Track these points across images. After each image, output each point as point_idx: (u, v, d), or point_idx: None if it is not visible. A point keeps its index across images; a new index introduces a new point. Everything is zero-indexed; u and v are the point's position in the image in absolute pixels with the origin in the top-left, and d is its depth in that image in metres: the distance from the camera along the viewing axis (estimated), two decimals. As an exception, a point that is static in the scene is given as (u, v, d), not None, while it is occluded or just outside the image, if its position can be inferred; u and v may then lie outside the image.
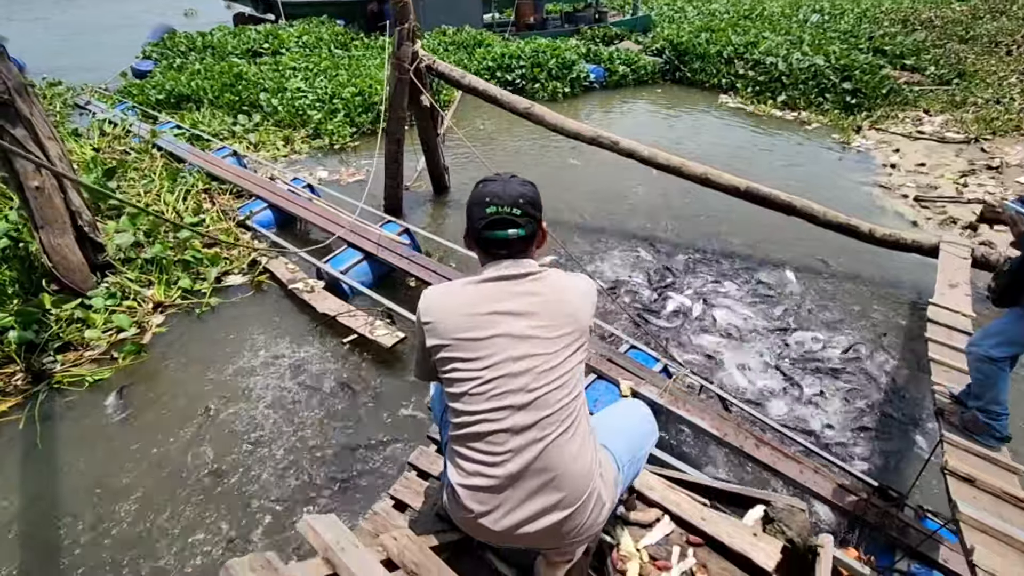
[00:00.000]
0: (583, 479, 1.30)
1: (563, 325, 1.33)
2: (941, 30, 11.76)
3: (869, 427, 3.09)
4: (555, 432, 1.27)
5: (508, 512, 1.29)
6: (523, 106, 4.82)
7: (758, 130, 7.92)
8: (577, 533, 1.33)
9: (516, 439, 1.26)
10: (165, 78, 8.45)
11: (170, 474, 2.76)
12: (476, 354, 1.29)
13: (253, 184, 5.25)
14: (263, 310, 3.96)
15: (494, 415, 1.27)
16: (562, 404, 1.29)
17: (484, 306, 1.32)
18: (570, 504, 1.29)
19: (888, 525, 2.23)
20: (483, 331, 1.30)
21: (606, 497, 1.37)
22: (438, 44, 10.26)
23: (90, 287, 3.82)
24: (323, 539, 1.02)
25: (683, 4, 15.80)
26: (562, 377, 1.30)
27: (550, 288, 1.36)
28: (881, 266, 4.59)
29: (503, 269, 1.36)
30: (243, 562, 0.87)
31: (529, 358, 1.28)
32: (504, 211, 1.34)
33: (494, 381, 1.27)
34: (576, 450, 1.30)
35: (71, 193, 3.71)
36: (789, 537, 1.41)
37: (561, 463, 1.27)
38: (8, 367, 3.34)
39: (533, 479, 1.27)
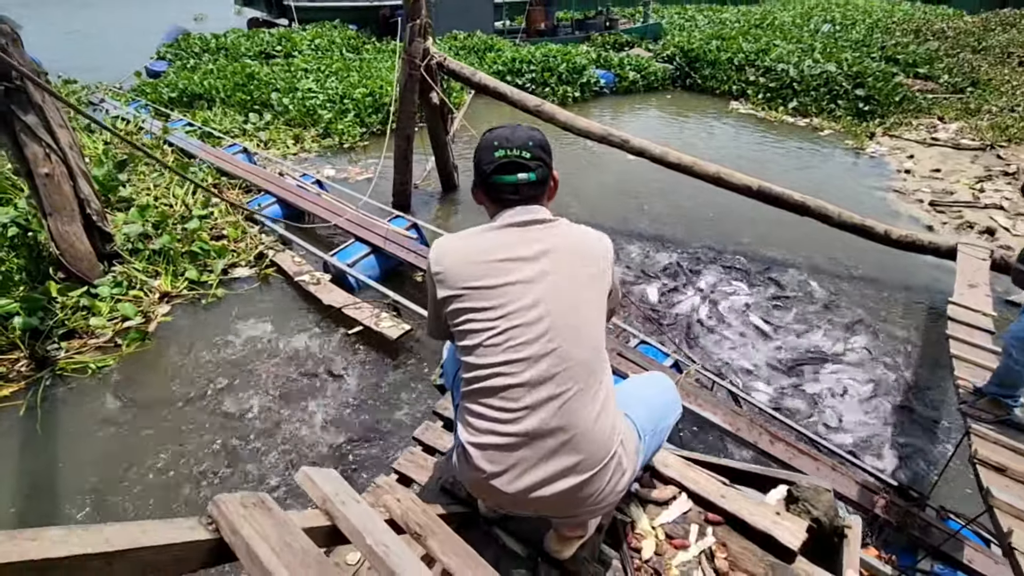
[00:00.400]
0: (603, 441, 1.22)
1: (580, 272, 1.25)
2: (954, 40, 11.70)
3: (887, 426, 3.00)
4: (574, 389, 1.19)
5: (522, 473, 1.20)
6: (533, 104, 4.80)
7: (769, 135, 7.86)
8: (595, 501, 1.25)
9: (533, 394, 1.18)
10: (178, 77, 8.52)
11: (171, 457, 2.72)
12: (489, 303, 1.22)
13: (262, 179, 5.25)
14: (269, 301, 3.93)
15: (509, 367, 1.19)
16: (582, 359, 1.21)
17: (497, 253, 1.25)
18: (589, 468, 1.21)
19: (909, 524, 2.14)
20: (496, 279, 1.23)
21: (627, 464, 1.29)
22: (450, 48, 10.31)
23: (97, 276, 3.80)
24: (322, 490, 0.97)
25: (694, 13, 15.85)
26: (582, 329, 1.22)
27: (563, 234, 1.29)
28: (894, 269, 4.51)
29: (515, 216, 1.29)
30: (234, 498, 0.81)
31: (546, 306, 1.20)
32: (513, 154, 1.28)
33: (509, 331, 1.19)
34: (597, 410, 1.21)
35: (80, 181, 3.70)
36: (815, 517, 1.34)
37: (581, 422, 1.19)
38: (12, 353, 3.32)
39: (550, 438, 1.19)
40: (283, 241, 4.58)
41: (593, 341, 1.23)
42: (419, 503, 1.20)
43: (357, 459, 2.74)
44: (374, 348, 3.49)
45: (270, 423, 2.93)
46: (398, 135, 5.04)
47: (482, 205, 1.38)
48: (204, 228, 4.49)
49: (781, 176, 6.15)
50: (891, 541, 2.19)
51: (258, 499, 0.83)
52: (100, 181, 4.41)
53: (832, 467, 2.38)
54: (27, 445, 2.82)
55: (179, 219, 4.51)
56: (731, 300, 4.07)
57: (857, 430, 2.98)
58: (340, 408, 3.04)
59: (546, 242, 1.26)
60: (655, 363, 2.98)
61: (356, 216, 4.51)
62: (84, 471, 2.67)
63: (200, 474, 2.65)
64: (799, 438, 2.65)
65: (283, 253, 4.39)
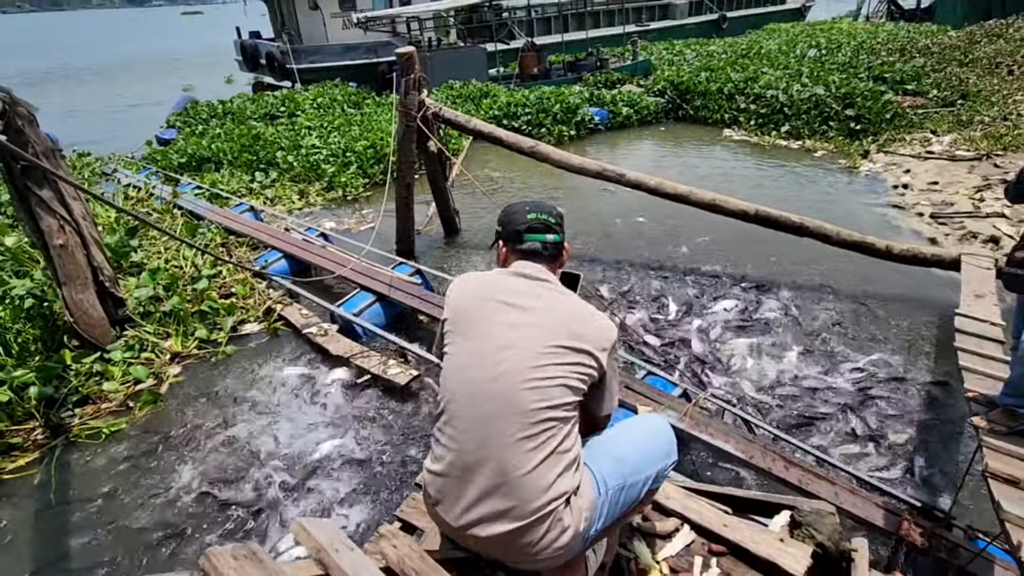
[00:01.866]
0: (536, 493, 1.22)
1: (560, 337, 1.29)
2: (939, 56, 11.90)
3: (904, 445, 2.93)
4: (517, 435, 1.22)
5: (463, 508, 1.26)
6: (527, 145, 4.93)
7: (764, 160, 7.97)
8: (534, 552, 1.25)
9: (477, 430, 1.23)
10: (187, 143, 8.85)
11: (184, 519, 2.71)
12: (467, 333, 1.32)
13: (268, 236, 5.38)
14: (278, 355, 3.97)
15: (462, 398, 1.26)
16: (534, 409, 1.23)
17: (497, 294, 1.35)
18: (520, 517, 1.22)
19: (935, 547, 2.07)
20: (481, 313, 1.32)
21: (570, 521, 1.27)
22: (446, 98, 10.64)
23: (110, 341, 3.88)
24: (316, 540, 0.97)
25: (681, 47, 16.29)
26: (542, 384, 1.25)
27: (561, 301, 1.38)
28: (899, 285, 4.48)
29: (526, 268, 1.41)
30: (224, 550, 0.82)
31: (512, 351, 1.26)
32: (543, 217, 1.45)
33: (473, 364, 1.27)
34: (535, 463, 1.22)
35: (93, 250, 3.82)
36: (819, 541, 1.30)
37: (512, 470, 1.21)
38: (28, 423, 3.36)
39: (485, 478, 1.23)
40: (291, 295, 4.66)
41: (549, 402, 1.25)
42: (416, 549, 1.20)
43: (365, 506, 2.71)
44: (384, 395, 3.49)
45: (282, 475, 2.92)
46: (399, 184, 5.17)
47: (504, 259, 1.49)
48: (213, 287, 4.59)
49: (778, 199, 6.21)
50: (919, 566, 2.12)
51: (249, 551, 0.84)
52: (112, 248, 4.55)
53: (851, 491, 2.32)
54: (42, 515, 2.83)
55: (189, 280, 4.62)
56: (734, 321, 4.05)
57: (873, 450, 2.91)
58: (350, 455, 3.03)
59: (540, 300, 1.35)
60: (664, 394, 2.96)
61: (360, 265, 4.59)
62: (98, 539, 2.66)
63: (217, 532, 2.64)
64: (815, 462, 2.59)
65: (291, 307, 4.46)
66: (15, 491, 2.97)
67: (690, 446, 2.81)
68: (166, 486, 2.93)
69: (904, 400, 3.26)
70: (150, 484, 2.95)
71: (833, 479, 2.38)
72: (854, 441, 2.98)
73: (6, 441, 3.21)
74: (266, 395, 3.57)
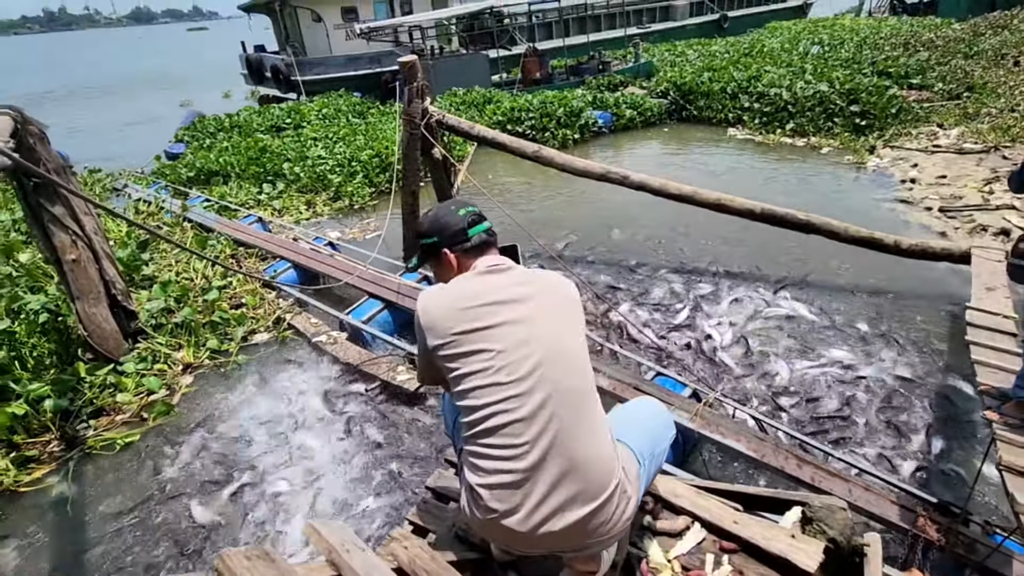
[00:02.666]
0: (604, 467, 1.25)
1: (560, 308, 1.35)
2: (944, 49, 11.83)
3: (918, 442, 2.90)
4: (568, 417, 1.24)
5: (533, 509, 1.23)
6: (531, 150, 4.95)
7: (769, 158, 7.94)
8: (604, 530, 1.27)
9: (532, 427, 1.22)
10: (195, 157, 8.96)
11: (199, 525, 2.73)
12: (480, 346, 1.28)
13: (277, 246, 5.43)
14: (288, 364, 4.00)
15: (506, 404, 1.23)
16: (573, 385, 1.27)
17: (482, 298, 1.32)
18: (593, 497, 1.23)
19: (952, 543, 2.05)
20: (484, 321, 1.30)
21: (631, 491, 1.31)
22: (450, 105, 10.70)
23: (123, 353, 3.93)
24: (328, 542, 0.98)
25: (683, 48, 16.31)
26: (569, 358, 1.29)
27: (537, 276, 1.42)
28: (910, 280, 4.44)
29: (488, 262, 1.42)
30: (238, 552, 0.84)
31: (536, 342, 1.27)
32: (472, 210, 1.49)
33: (502, 370, 1.25)
34: (591, 436, 1.26)
35: (105, 264, 3.88)
36: (831, 537, 1.29)
37: (579, 449, 1.23)
38: (44, 435, 3.41)
39: (554, 467, 1.22)
40: (299, 304, 4.69)
41: (581, 368, 1.30)
42: (428, 551, 1.21)
43: (379, 511, 2.72)
44: (394, 401, 3.51)
45: (295, 481, 2.94)
46: (404, 192, 5.21)
47: (455, 264, 1.47)
48: (223, 298, 4.63)
49: (784, 196, 6.19)
50: (936, 562, 2.09)
51: (262, 551, 0.85)
52: (124, 262, 4.60)
53: (865, 488, 2.30)
54: (59, 527, 2.86)
55: (199, 291, 4.67)
56: (747, 319, 4.03)
57: (886, 446, 2.88)
58: (363, 460, 3.04)
59: (525, 285, 1.35)
60: (673, 394, 2.95)
61: (368, 273, 4.62)
62: (114, 549, 2.69)
63: (232, 537, 2.65)
64: (828, 460, 2.57)
65: (300, 316, 4.49)
66: (32, 503, 3.00)
67: (701, 446, 2.80)
68: (180, 495, 2.95)
69: (916, 396, 3.23)
70: (164, 493, 2.98)
71: (847, 476, 2.36)
72: (867, 438, 2.95)
73: (23, 454, 3.25)
74: (276, 402, 3.60)
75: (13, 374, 3.49)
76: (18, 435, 3.31)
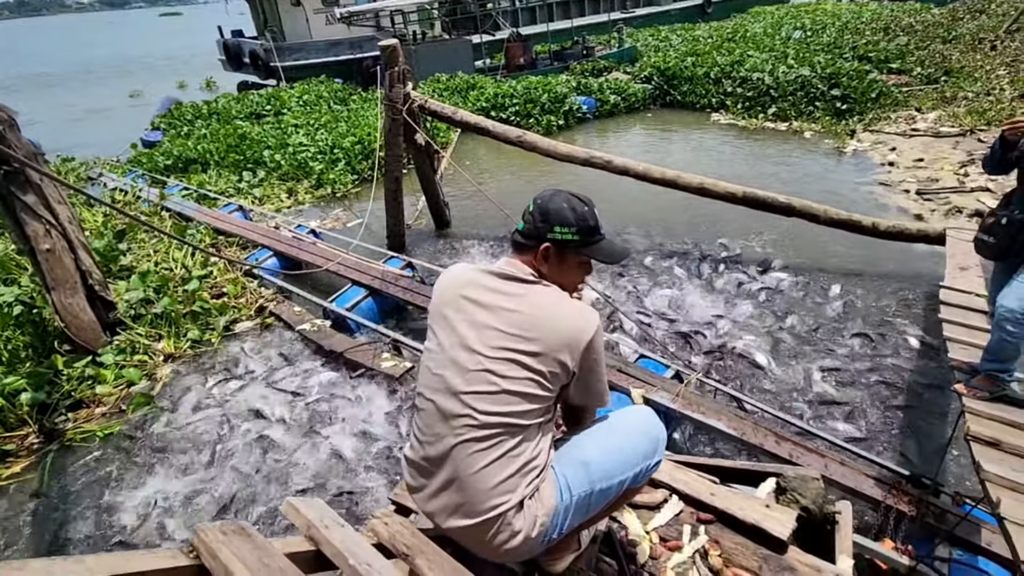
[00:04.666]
0: (483, 495, 1.22)
1: (517, 341, 1.24)
2: (923, 33, 11.94)
3: (892, 417, 2.98)
4: (469, 437, 1.23)
5: (427, 496, 1.30)
6: (515, 135, 4.92)
7: (752, 142, 7.99)
8: (489, 548, 1.27)
9: (439, 425, 1.26)
10: (173, 145, 8.78)
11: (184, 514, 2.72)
12: (438, 328, 1.33)
13: (258, 235, 5.36)
14: (270, 352, 3.97)
15: (430, 393, 1.29)
16: (484, 412, 1.22)
17: (467, 289, 1.33)
18: (470, 515, 1.24)
19: (924, 513, 2.11)
20: (451, 310, 1.32)
21: (521, 526, 1.24)
22: (433, 91, 10.59)
23: (101, 345, 3.87)
24: (306, 517, 0.99)
25: (667, 33, 16.27)
26: (493, 389, 1.22)
27: (531, 301, 1.28)
28: (887, 261, 4.52)
29: (504, 267, 1.35)
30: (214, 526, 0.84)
31: (469, 352, 1.26)
32: (529, 209, 1.38)
33: (437, 360, 1.30)
34: (484, 465, 1.22)
35: (81, 254, 3.80)
36: (804, 505, 1.33)
37: (465, 469, 1.23)
38: (21, 429, 3.36)
39: (443, 472, 1.27)
40: (282, 292, 4.65)
41: (503, 404, 1.23)
42: (409, 527, 1.22)
43: (366, 491, 2.73)
44: (379, 386, 3.50)
45: (280, 464, 2.94)
46: (387, 178, 5.17)
47: None
48: (204, 288, 4.57)
49: (767, 180, 6.25)
50: (909, 532, 2.16)
51: (238, 527, 0.86)
52: (101, 252, 4.52)
53: (841, 462, 2.36)
54: (38, 519, 2.83)
55: (179, 281, 4.60)
56: (725, 297, 4.09)
57: (862, 422, 2.96)
58: (347, 443, 3.05)
59: (508, 299, 1.29)
60: (656, 376, 2.99)
61: (351, 260, 4.59)
62: (93, 539, 2.67)
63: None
64: (806, 436, 2.63)
65: (283, 304, 4.45)
66: (11, 497, 2.97)
67: (682, 424, 2.84)
68: (158, 483, 2.94)
69: (891, 373, 3.31)
70: (143, 482, 2.96)
71: (823, 452, 2.42)
72: (842, 413, 3.02)
73: (0, 448, 3.20)
74: (257, 390, 3.58)
75: (-12, 367, 3.43)
76: (-5, 429, 3.26)
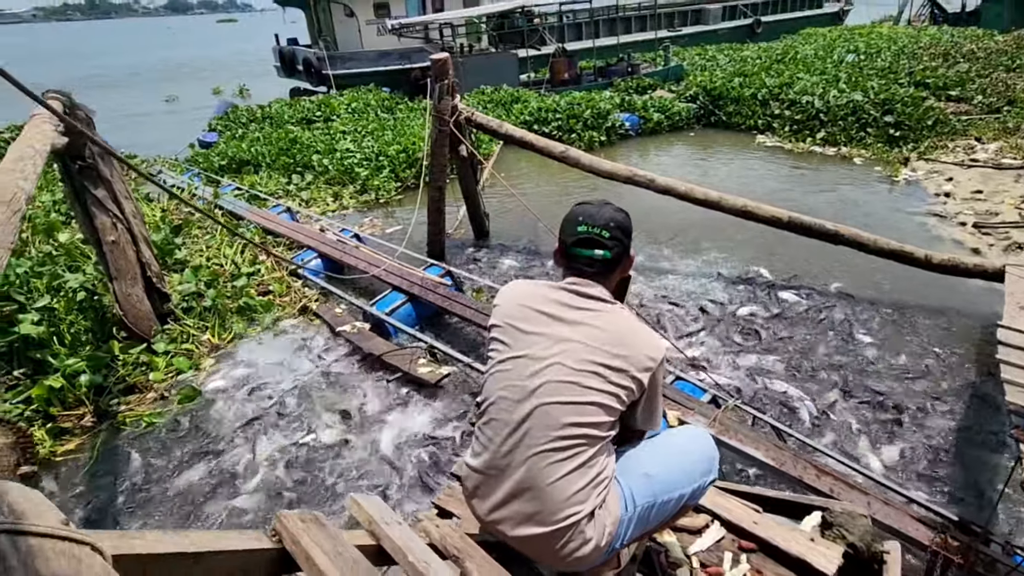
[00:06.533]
0: (559, 504, 1.25)
1: (601, 355, 1.29)
2: (985, 61, 11.53)
3: (938, 459, 2.86)
4: (546, 446, 1.25)
5: (493, 506, 1.31)
6: (558, 150, 4.96)
7: (798, 166, 7.84)
8: (558, 556, 1.29)
9: (511, 435, 1.28)
10: (227, 146, 9.16)
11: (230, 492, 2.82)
12: (513, 341, 1.35)
13: (305, 236, 5.53)
14: (313, 350, 4.08)
15: (501, 403, 1.31)
16: (565, 424, 1.26)
17: (543, 305, 1.36)
18: (543, 523, 1.26)
19: (972, 561, 2.03)
20: (528, 324, 1.35)
21: (592, 535, 1.28)
22: (478, 103, 10.77)
23: (154, 334, 4.06)
24: (367, 513, 1.04)
25: (714, 53, 16.15)
26: (577, 401, 1.26)
27: (612, 319, 1.34)
28: (940, 296, 4.36)
29: (578, 287, 1.38)
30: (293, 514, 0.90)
31: (552, 365, 1.29)
32: (594, 231, 1.37)
33: (514, 372, 1.31)
34: (562, 475, 1.25)
35: (142, 246, 4.00)
36: (851, 542, 1.30)
37: (540, 479, 1.25)
38: (79, 408, 3.54)
39: (514, 481, 1.28)
40: (325, 294, 4.78)
41: (582, 416, 1.27)
42: (457, 530, 1.25)
43: (404, 494, 2.78)
44: (416, 391, 3.56)
45: (318, 461, 3.02)
46: (431, 188, 5.27)
47: (559, 267, 1.48)
48: (252, 285, 4.75)
49: (814, 206, 6.11)
50: (955, 580, 2.07)
51: (313, 516, 0.91)
52: (158, 245, 4.74)
53: (885, 502, 2.29)
54: (90, 494, 2.97)
55: (228, 277, 4.79)
56: (765, 326, 4.01)
57: (908, 461, 2.85)
58: (385, 447, 3.11)
59: (588, 315, 1.34)
60: (692, 399, 2.96)
61: (393, 266, 4.69)
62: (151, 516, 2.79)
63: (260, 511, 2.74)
64: (847, 472, 2.56)
65: (325, 304, 4.58)
66: (66, 471, 3.13)
67: (719, 451, 2.79)
68: (199, 469, 3.05)
69: (942, 412, 3.18)
70: (186, 464, 3.08)
71: (866, 489, 2.34)
72: (889, 451, 2.92)
73: (58, 426, 3.38)
74: (299, 382, 3.68)
75: (52, 349, 3.62)
76: (54, 407, 3.44)
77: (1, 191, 1.86)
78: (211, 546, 0.76)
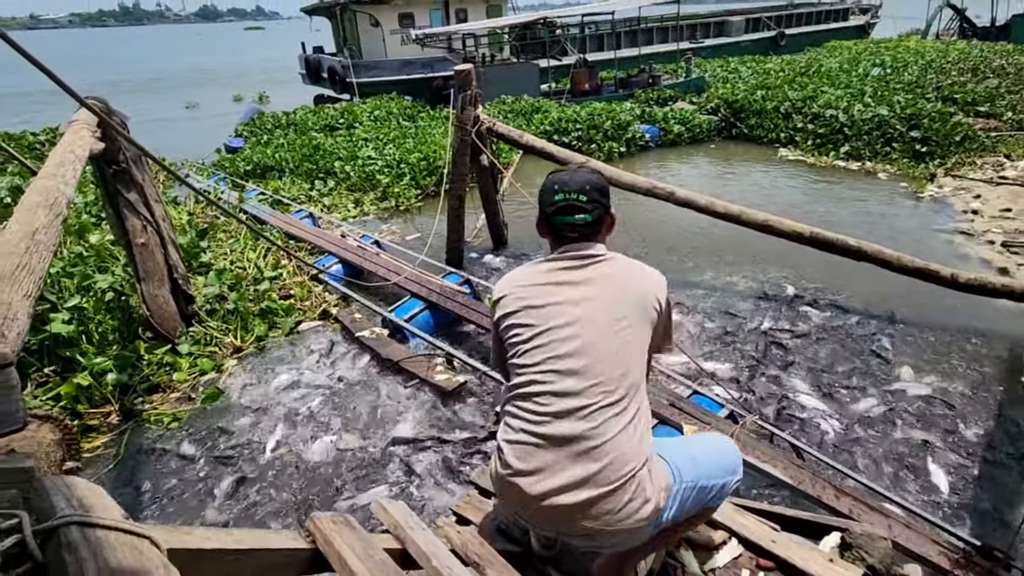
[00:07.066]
0: (626, 454, 1.27)
1: (622, 302, 1.37)
2: (1015, 76, 11.33)
3: (960, 484, 2.80)
4: (603, 401, 1.28)
5: (544, 476, 1.28)
6: (579, 161, 4.98)
7: (821, 180, 7.76)
8: (610, 519, 1.27)
9: (562, 402, 1.29)
10: (253, 152, 9.35)
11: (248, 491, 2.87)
12: (534, 320, 1.37)
13: (326, 241, 5.62)
14: (332, 355, 4.14)
15: (543, 376, 1.31)
16: (611, 376, 1.30)
17: (547, 277, 1.41)
18: (606, 481, 1.26)
19: (997, 589, 1.98)
20: (542, 299, 1.38)
21: (651, 494, 1.29)
22: (499, 112, 10.85)
23: (179, 335, 4.15)
24: (394, 518, 1.07)
25: (736, 65, 16.08)
26: (614, 351, 1.31)
27: (613, 268, 1.42)
28: (966, 316, 4.27)
29: (570, 251, 1.44)
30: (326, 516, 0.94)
31: (581, 326, 1.32)
32: (571, 197, 1.43)
33: (547, 346, 1.33)
34: (624, 423, 1.28)
35: (170, 249, 4.11)
36: (870, 564, 1.29)
37: (607, 431, 1.27)
38: (104, 407, 3.63)
39: (574, 444, 1.27)
40: (345, 299, 4.85)
41: (625, 364, 1.32)
42: (477, 537, 1.27)
43: (423, 501, 2.80)
44: (433, 398, 3.59)
45: (334, 464, 3.06)
46: (451, 196, 5.33)
47: (545, 238, 1.53)
48: (274, 289, 4.83)
49: (836, 221, 6.04)
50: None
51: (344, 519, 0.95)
52: (185, 248, 4.86)
53: (906, 524, 2.25)
54: (115, 491, 3.05)
55: (251, 281, 4.88)
56: (783, 343, 3.97)
57: (931, 485, 2.80)
58: (399, 451, 3.14)
59: (594, 272, 1.40)
60: (710, 414, 2.94)
61: (412, 273, 4.74)
62: (172, 515, 2.85)
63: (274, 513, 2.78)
64: (867, 493, 2.52)
65: (345, 310, 4.65)
66: (92, 468, 3.21)
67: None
68: (222, 465, 3.11)
69: (966, 435, 3.12)
70: (208, 463, 3.14)
71: (886, 511, 2.31)
72: (910, 474, 2.87)
73: (84, 423, 3.47)
74: (319, 385, 3.74)
75: (80, 348, 3.73)
76: (81, 405, 3.53)
77: (45, 195, 1.94)
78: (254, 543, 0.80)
